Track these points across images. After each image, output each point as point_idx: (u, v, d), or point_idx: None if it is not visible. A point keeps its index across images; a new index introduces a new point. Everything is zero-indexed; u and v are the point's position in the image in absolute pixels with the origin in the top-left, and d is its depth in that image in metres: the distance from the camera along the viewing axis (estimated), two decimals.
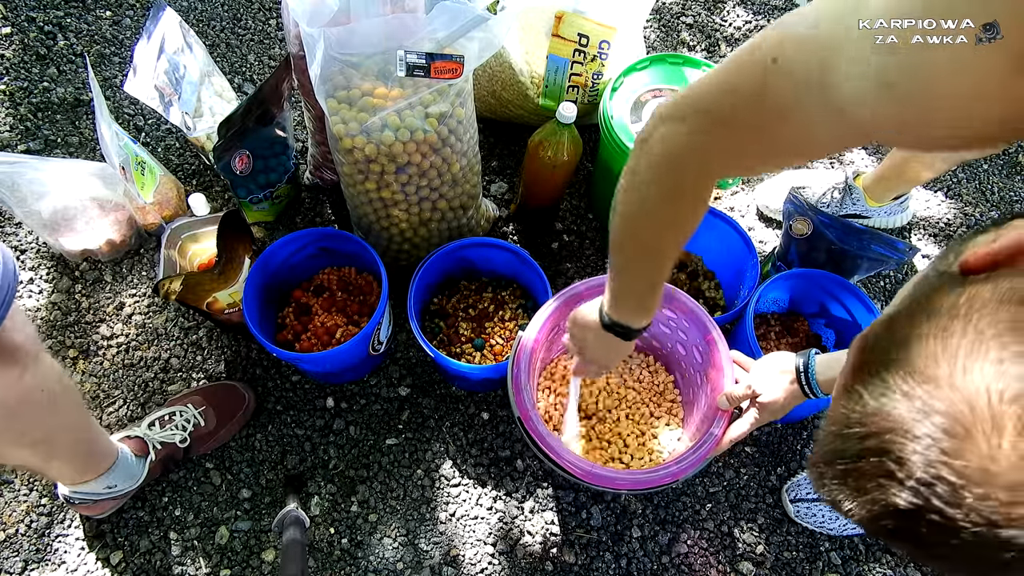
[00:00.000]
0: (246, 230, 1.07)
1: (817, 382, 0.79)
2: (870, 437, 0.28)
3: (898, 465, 0.27)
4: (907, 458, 0.27)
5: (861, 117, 0.38)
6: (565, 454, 0.84)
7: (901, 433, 0.27)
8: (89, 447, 0.86)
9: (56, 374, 0.75)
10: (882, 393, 0.29)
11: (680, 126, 0.51)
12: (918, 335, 0.29)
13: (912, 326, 0.30)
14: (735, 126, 0.48)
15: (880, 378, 0.30)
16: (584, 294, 0.96)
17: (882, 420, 0.28)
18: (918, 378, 0.28)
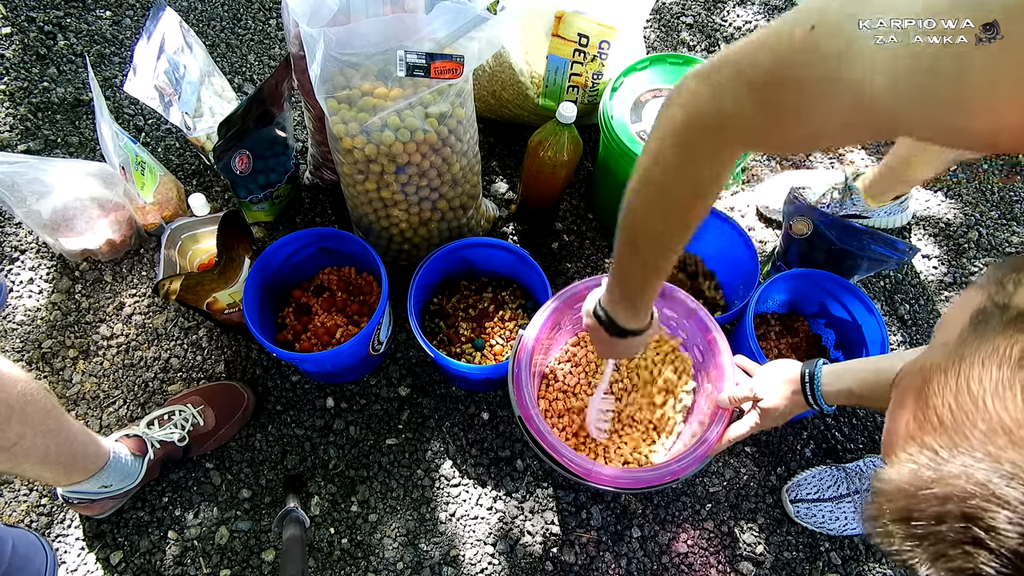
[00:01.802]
0: (246, 230, 1.07)
1: (822, 394, 0.78)
2: (951, 500, 0.26)
3: (988, 533, 0.25)
4: (998, 527, 0.25)
5: (875, 106, 0.38)
6: (565, 453, 0.84)
7: (989, 499, 0.25)
8: (71, 450, 0.85)
9: (16, 384, 0.75)
10: (963, 451, 0.27)
11: (704, 83, 0.50)
12: (997, 387, 0.27)
13: (985, 374, 0.28)
14: (759, 85, 0.46)
15: (959, 434, 0.27)
16: (584, 293, 0.96)
17: (966, 483, 0.26)
18: (1005, 439, 0.26)
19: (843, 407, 1.20)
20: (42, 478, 0.87)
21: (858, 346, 1.10)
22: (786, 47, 0.42)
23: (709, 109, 0.50)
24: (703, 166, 0.56)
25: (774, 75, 0.44)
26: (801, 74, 0.42)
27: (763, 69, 0.45)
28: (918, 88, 0.35)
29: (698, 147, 0.54)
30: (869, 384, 0.76)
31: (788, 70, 0.43)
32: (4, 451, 0.75)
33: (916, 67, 0.35)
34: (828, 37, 0.39)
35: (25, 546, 0.87)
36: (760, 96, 0.46)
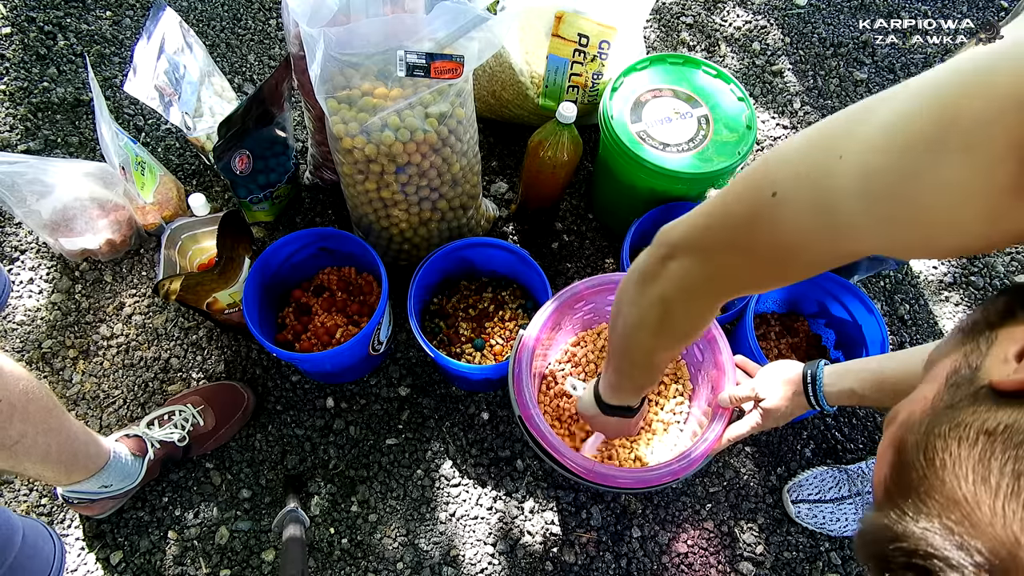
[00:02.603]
0: (246, 230, 1.07)
1: (824, 395, 0.79)
2: (915, 555, 0.29)
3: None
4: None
5: (858, 246, 0.40)
6: (566, 452, 0.84)
7: (945, 561, 0.28)
8: (72, 449, 0.85)
9: (18, 383, 0.75)
10: (925, 516, 0.30)
11: (688, 262, 0.52)
12: (956, 459, 0.30)
13: (948, 450, 0.30)
14: (743, 258, 0.48)
15: (922, 501, 0.30)
16: (584, 294, 0.96)
17: (927, 545, 0.29)
18: (959, 513, 0.28)
19: (843, 407, 1.20)
20: (43, 477, 0.87)
21: (858, 346, 1.10)
22: (758, 218, 0.44)
23: (713, 277, 0.52)
24: (698, 322, 0.61)
25: (759, 245, 0.46)
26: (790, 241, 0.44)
27: (744, 241, 0.46)
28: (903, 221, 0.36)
29: (693, 310, 0.58)
30: (870, 384, 0.76)
31: (767, 239, 0.44)
32: (5, 449, 0.75)
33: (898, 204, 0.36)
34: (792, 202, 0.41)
35: (34, 536, 0.87)
36: (751, 258, 0.48)
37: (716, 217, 0.48)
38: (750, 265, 0.49)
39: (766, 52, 1.60)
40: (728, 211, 0.47)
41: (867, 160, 0.35)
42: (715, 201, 0.49)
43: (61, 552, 0.94)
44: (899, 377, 0.74)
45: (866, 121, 0.36)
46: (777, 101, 1.53)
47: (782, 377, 0.83)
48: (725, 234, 0.48)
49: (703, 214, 0.50)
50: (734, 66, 1.58)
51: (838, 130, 0.38)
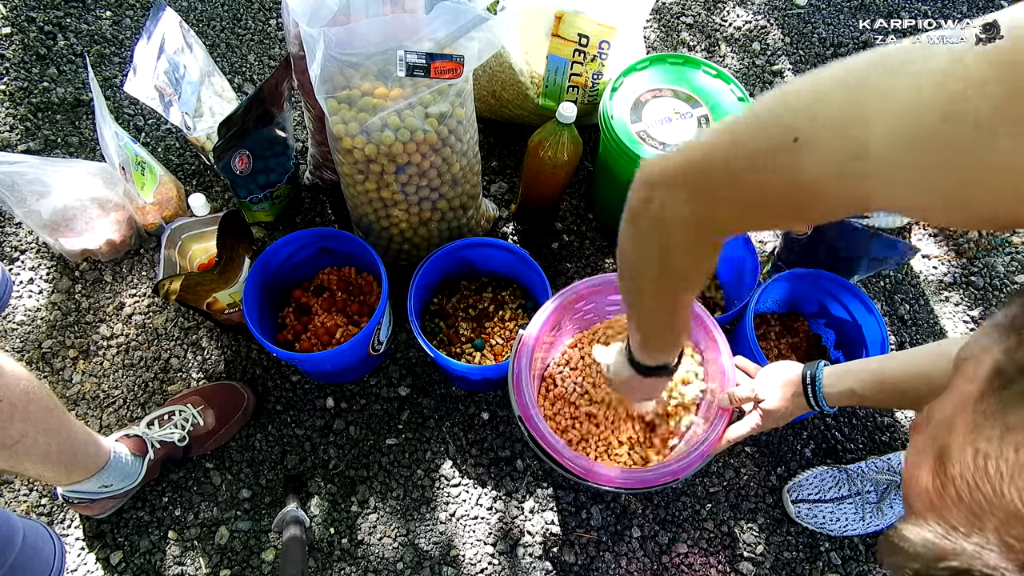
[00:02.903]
0: (246, 230, 1.07)
1: (824, 395, 0.78)
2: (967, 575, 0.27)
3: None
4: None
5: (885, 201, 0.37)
6: (565, 453, 0.84)
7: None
8: (72, 449, 0.85)
9: (19, 382, 0.75)
10: (979, 532, 0.27)
11: (680, 193, 0.48)
12: (1014, 474, 0.27)
13: (1003, 457, 0.27)
14: (749, 199, 0.45)
15: (977, 517, 0.27)
16: (584, 294, 0.96)
17: (981, 564, 0.27)
18: (1021, 529, 0.26)
19: (843, 407, 1.20)
20: (43, 477, 0.87)
21: (858, 346, 1.10)
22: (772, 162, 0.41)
23: (702, 216, 0.49)
24: (704, 258, 0.56)
25: (765, 189, 0.43)
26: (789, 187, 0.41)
27: (750, 182, 0.43)
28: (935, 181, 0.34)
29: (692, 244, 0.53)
30: (871, 385, 0.76)
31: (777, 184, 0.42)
32: (6, 449, 0.75)
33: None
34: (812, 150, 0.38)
35: (35, 536, 0.87)
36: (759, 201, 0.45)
37: (717, 153, 0.44)
38: (757, 207, 0.45)
39: (766, 52, 1.60)
40: (735, 150, 0.43)
41: (912, 116, 0.32)
42: (715, 137, 0.45)
43: (61, 553, 0.94)
44: (900, 378, 0.74)
45: (902, 73, 0.33)
46: None
47: (782, 378, 0.83)
48: (729, 175, 0.44)
49: (699, 150, 0.46)
50: (734, 66, 1.58)
51: (871, 75, 0.35)
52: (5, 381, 0.73)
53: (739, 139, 0.43)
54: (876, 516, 1.05)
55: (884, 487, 1.05)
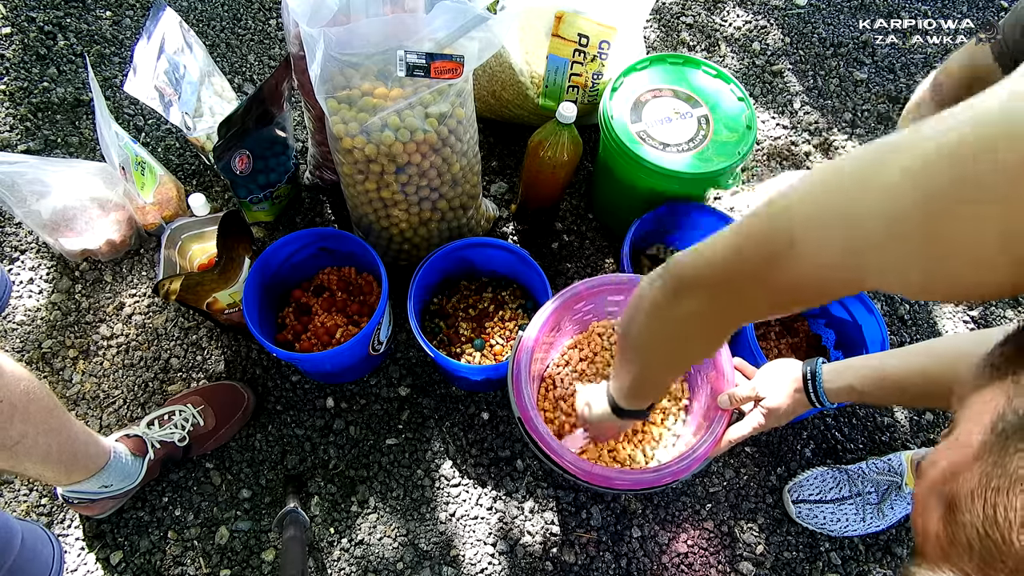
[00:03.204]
0: (246, 230, 1.07)
1: (824, 391, 0.79)
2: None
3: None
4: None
5: (881, 284, 0.40)
6: (565, 454, 0.84)
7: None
8: (72, 449, 0.85)
9: (19, 383, 0.75)
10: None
11: (701, 300, 0.53)
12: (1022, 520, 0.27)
13: (1011, 505, 0.28)
14: (757, 296, 0.49)
15: (988, 564, 0.28)
16: (584, 294, 0.96)
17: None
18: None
19: (843, 407, 1.20)
20: (43, 477, 0.87)
21: (858, 346, 1.10)
22: (776, 263, 0.44)
23: (734, 312, 0.54)
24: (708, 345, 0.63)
25: (781, 285, 0.46)
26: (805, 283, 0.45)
27: (763, 284, 0.47)
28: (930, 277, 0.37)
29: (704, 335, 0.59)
30: (870, 381, 0.76)
31: (787, 281, 0.45)
32: (6, 449, 0.75)
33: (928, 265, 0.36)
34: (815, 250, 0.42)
35: (33, 539, 0.87)
36: (766, 296, 0.49)
37: (731, 261, 0.49)
38: (764, 301, 0.50)
39: (766, 52, 1.60)
40: (742, 257, 0.47)
41: (893, 205, 0.35)
42: (726, 241, 0.49)
43: (60, 555, 0.94)
44: (899, 375, 0.74)
45: (885, 167, 0.36)
46: (777, 101, 1.53)
47: (782, 376, 0.83)
48: (740, 278, 0.48)
49: (714, 254, 0.50)
50: (734, 66, 1.58)
51: (857, 175, 0.38)
52: (5, 382, 0.73)
53: (752, 244, 0.47)
54: (877, 517, 1.05)
55: (885, 488, 1.05)
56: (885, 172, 0.36)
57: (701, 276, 0.52)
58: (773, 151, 1.47)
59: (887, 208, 0.35)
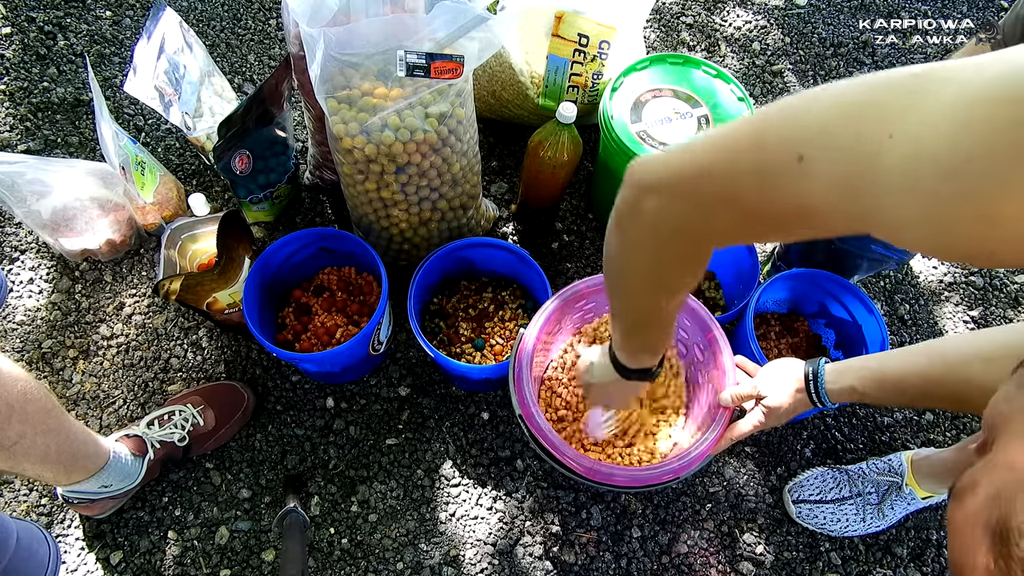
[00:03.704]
0: (246, 230, 1.07)
1: (826, 392, 0.79)
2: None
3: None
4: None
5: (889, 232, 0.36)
6: (565, 451, 0.84)
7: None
8: (71, 449, 0.85)
9: (17, 383, 0.75)
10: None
11: (675, 203, 0.47)
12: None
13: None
14: (744, 213, 0.44)
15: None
16: (584, 293, 0.96)
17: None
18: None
19: (843, 407, 1.20)
20: (42, 477, 0.87)
21: (858, 346, 1.10)
22: (775, 179, 0.39)
23: (698, 227, 0.48)
24: (686, 268, 0.56)
25: (768, 205, 0.41)
26: (798, 203, 0.39)
27: (752, 199, 0.41)
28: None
29: (682, 254, 0.53)
30: (871, 382, 0.76)
31: (780, 202, 0.40)
32: (4, 450, 0.75)
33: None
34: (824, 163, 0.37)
35: (29, 538, 0.87)
36: (756, 215, 0.43)
37: (718, 165, 0.42)
38: (756, 221, 0.44)
39: (766, 52, 1.60)
40: (734, 161, 0.41)
41: (929, 146, 0.31)
42: (712, 144, 0.43)
43: (56, 554, 0.94)
44: (899, 376, 0.74)
45: (922, 101, 0.32)
46: None
47: (784, 375, 0.83)
48: (726, 187, 0.42)
49: (698, 160, 0.44)
50: (734, 66, 1.58)
51: (885, 103, 0.34)
52: (2, 382, 0.73)
53: (741, 152, 0.41)
54: (877, 517, 1.05)
55: (885, 488, 1.05)
56: (921, 106, 0.32)
57: (679, 183, 0.45)
58: None
59: (919, 147, 0.31)
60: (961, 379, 0.68)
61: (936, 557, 1.09)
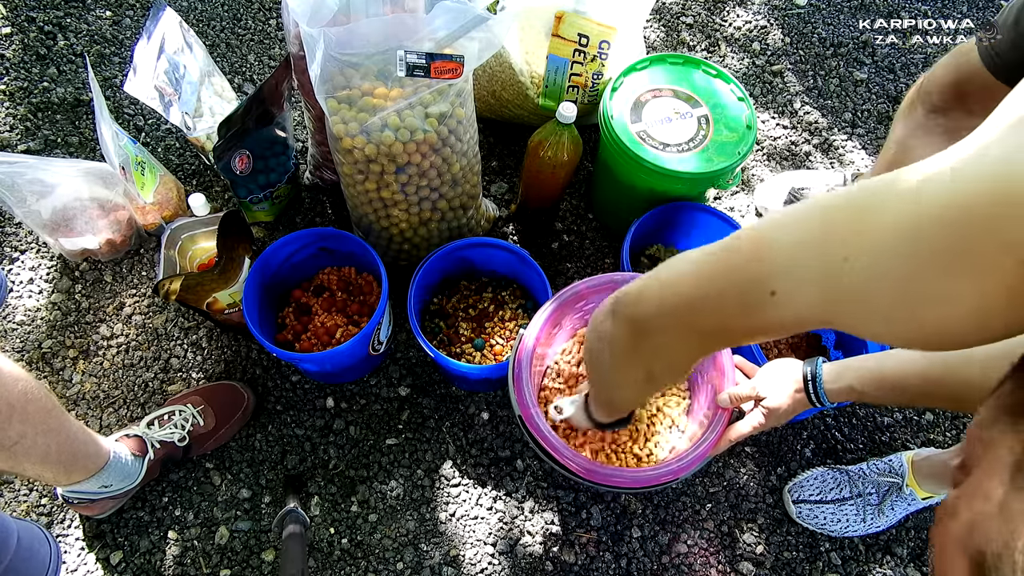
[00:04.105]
0: (246, 230, 1.07)
1: (825, 391, 0.79)
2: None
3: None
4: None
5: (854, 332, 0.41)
6: (565, 452, 0.84)
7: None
8: (71, 449, 0.85)
9: (17, 383, 0.75)
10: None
11: (666, 340, 0.52)
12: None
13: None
14: (729, 333, 0.49)
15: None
16: (584, 294, 0.96)
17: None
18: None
19: (843, 407, 1.20)
20: (42, 477, 0.87)
21: (858, 346, 1.10)
22: (756, 311, 0.44)
23: (694, 351, 0.54)
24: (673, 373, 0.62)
25: (754, 326, 0.46)
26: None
27: (739, 325, 0.47)
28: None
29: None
30: (869, 382, 0.76)
31: (763, 324, 0.45)
32: (4, 450, 0.75)
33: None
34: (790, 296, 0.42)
35: (30, 538, 0.87)
36: (739, 334, 0.49)
37: (707, 303, 0.47)
38: (737, 338, 0.50)
39: (766, 52, 1.60)
40: (720, 297, 0.46)
41: (877, 263, 0.35)
42: (691, 279, 0.48)
43: (57, 554, 0.94)
44: (898, 376, 0.74)
45: (870, 224, 0.36)
46: (777, 101, 1.53)
47: (783, 375, 0.83)
48: (717, 320, 0.47)
49: (682, 296, 0.49)
50: (734, 66, 1.58)
51: (840, 229, 0.38)
52: (3, 382, 0.73)
53: (724, 291, 0.46)
54: (877, 517, 1.05)
55: (885, 489, 1.05)
56: (869, 229, 0.36)
57: (667, 316, 0.50)
58: (773, 151, 1.47)
59: (873, 267, 0.36)
60: (960, 379, 0.68)
61: None
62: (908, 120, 0.93)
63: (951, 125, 0.88)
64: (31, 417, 0.77)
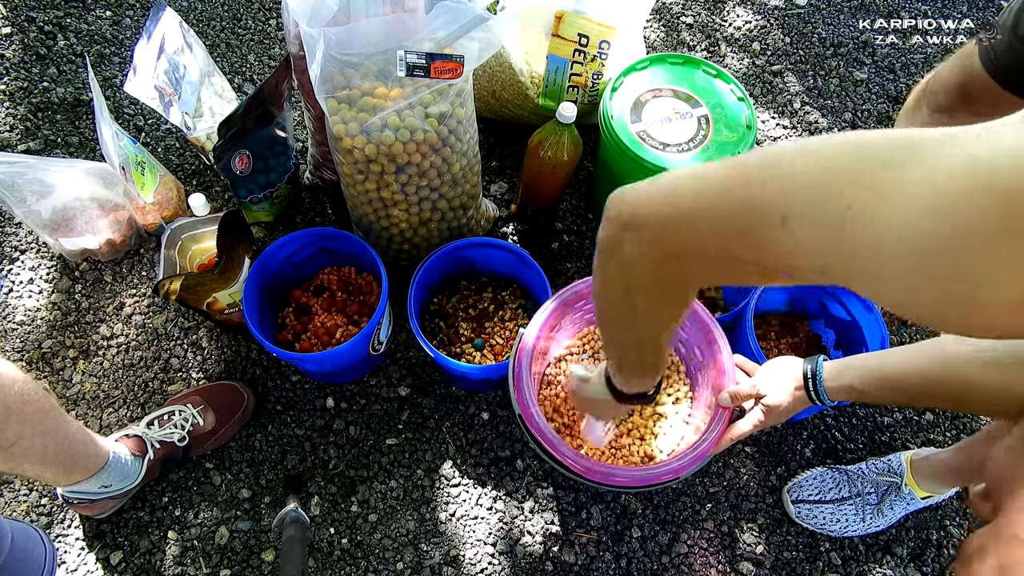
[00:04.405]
0: (246, 230, 1.07)
1: (825, 390, 0.79)
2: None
3: None
4: None
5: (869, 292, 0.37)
6: (565, 451, 0.84)
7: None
8: (70, 450, 0.85)
9: (14, 384, 0.75)
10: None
11: (652, 246, 0.46)
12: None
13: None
14: (727, 261, 0.44)
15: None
16: (584, 293, 0.96)
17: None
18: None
19: (843, 407, 1.20)
20: (41, 478, 0.87)
21: (858, 346, 1.10)
22: (759, 239, 0.39)
23: (675, 271, 0.48)
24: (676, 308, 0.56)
25: (752, 258, 0.41)
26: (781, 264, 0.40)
27: (735, 252, 0.42)
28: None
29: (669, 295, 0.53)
30: (870, 381, 0.76)
31: (763, 256, 0.41)
32: (3, 451, 0.75)
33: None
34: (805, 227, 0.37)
35: (24, 539, 0.87)
36: (737, 264, 0.44)
37: (704, 218, 0.42)
38: (730, 270, 0.45)
39: (766, 52, 1.60)
40: (719, 219, 0.41)
41: (914, 221, 0.32)
42: (698, 193, 0.43)
43: (53, 555, 0.93)
44: (898, 375, 0.74)
45: (907, 170, 0.32)
46: (777, 101, 1.53)
47: (783, 374, 0.83)
48: (711, 239, 0.43)
49: (680, 206, 0.43)
50: (734, 66, 1.58)
51: (864, 170, 0.34)
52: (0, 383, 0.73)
53: (727, 209, 0.41)
54: (876, 517, 1.05)
55: (885, 488, 1.05)
56: (906, 175, 0.32)
57: (660, 226, 0.45)
58: None
59: (904, 221, 0.32)
60: (961, 379, 0.68)
61: (936, 557, 1.09)
62: (912, 119, 0.93)
63: (956, 126, 0.88)
64: (29, 418, 0.77)
